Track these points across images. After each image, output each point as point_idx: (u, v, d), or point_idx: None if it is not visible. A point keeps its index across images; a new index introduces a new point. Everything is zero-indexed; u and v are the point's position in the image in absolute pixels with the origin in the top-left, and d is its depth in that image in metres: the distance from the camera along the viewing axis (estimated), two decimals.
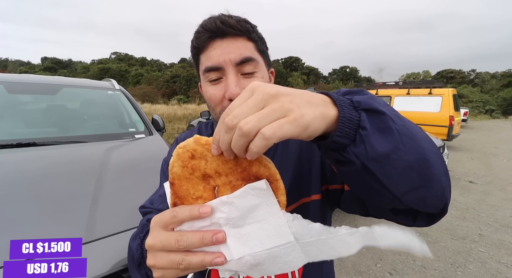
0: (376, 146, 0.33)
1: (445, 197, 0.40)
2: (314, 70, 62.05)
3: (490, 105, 33.20)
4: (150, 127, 2.42)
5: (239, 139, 0.29)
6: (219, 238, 0.34)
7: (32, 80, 2.36)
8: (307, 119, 0.30)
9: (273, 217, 0.34)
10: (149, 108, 17.57)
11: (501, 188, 4.84)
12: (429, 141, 0.38)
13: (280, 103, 0.29)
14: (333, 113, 0.33)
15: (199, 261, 0.34)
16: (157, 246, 0.36)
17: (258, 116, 0.28)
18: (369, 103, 0.35)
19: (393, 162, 0.34)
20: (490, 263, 2.60)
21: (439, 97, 7.72)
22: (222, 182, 0.35)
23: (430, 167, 0.36)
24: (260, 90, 0.30)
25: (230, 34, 0.55)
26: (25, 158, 1.53)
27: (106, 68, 48.30)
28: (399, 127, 0.34)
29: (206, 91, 0.58)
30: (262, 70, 0.58)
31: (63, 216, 1.14)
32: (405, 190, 0.37)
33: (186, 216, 0.35)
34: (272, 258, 0.34)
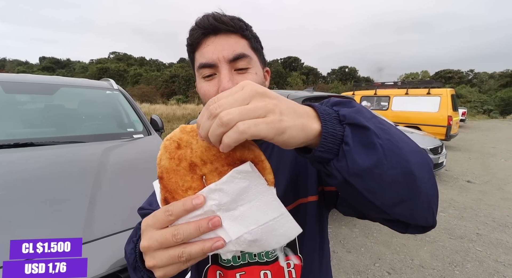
0: (357, 161, 0.33)
1: (432, 208, 0.40)
2: (313, 70, 62.11)
3: (488, 105, 33.33)
4: (148, 127, 2.41)
5: (217, 127, 0.29)
6: (215, 223, 0.34)
7: (29, 80, 2.35)
8: (285, 125, 0.30)
9: (263, 195, 0.35)
10: (148, 108, 17.52)
11: (498, 187, 4.86)
12: (417, 153, 0.38)
13: (264, 103, 0.30)
14: (315, 128, 0.34)
15: (199, 249, 0.34)
16: (153, 246, 0.36)
17: (240, 110, 0.29)
18: (354, 118, 0.35)
19: (376, 176, 0.34)
20: (488, 262, 2.61)
21: (437, 97, 7.74)
22: (208, 169, 0.36)
23: (415, 180, 0.36)
24: (249, 87, 0.31)
25: (223, 30, 0.55)
26: (22, 158, 1.53)
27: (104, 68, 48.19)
28: (383, 142, 0.34)
29: (200, 88, 0.59)
30: (256, 67, 0.59)
31: (61, 216, 1.14)
32: (390, 204, 0.37)
33: (181, 211, 0.34)
34: (269, 232, 0.35)
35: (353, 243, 2.94)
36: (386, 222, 0.45)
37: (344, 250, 2.80)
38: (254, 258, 0.61)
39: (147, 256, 0.37)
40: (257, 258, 0.61)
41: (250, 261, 0.61)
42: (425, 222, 0.41)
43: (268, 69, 0.67)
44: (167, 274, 0.37)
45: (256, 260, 0.61)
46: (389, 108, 8.71)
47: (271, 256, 0.61)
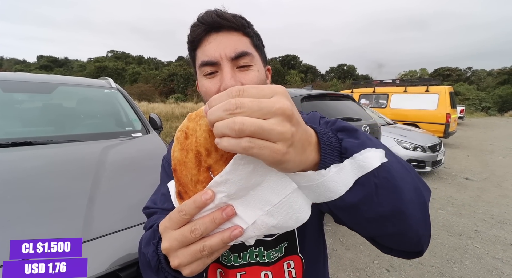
0: (344, 197, 0.33)
1: (421, 245, 0.40)
2: (311, 68, 62.06)
3: (486, 102, 33.46)
4: (147, 126, 2.41)
5: (225, 128, 0.27)
6: (229, 212, 0.34)
7: (27, 79, 2.33)
8: (286, 158, 0.28)
9: (270, 174, 0.34)
10: (147, 107, 17.46)
11: (497, 184, 4.89)
12: (416, 190, 0.38)
13: (284, 129, 0.27)
14: (312, 160, 0.33)
15: (219, 240, 0.34)
16: (174, 245, 0.36)
17: (256, 126, 0.26)
18: (355, 152, 0.34)
19: (363, 212, 0.34)
20: (486, 259, 2.63)
21: (435, 95, 7.76)
22: (213, 159, 0.34)
23: (406, 219, 0.36)
24: (280, 100, 0.28)
25: (226, 27, 0.55)
26: (21, 157, 1.52)
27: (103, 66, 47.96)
28: (379, 180, 0.33)
29: (202, 86, 0.58)
30: (258, 65, 0.58)
31: (60, 215, 1.13)
32: (376, 235, 0.38)
33: (193, 209, 0.34)
34: (284, 211, 0.35)
35: (352, 240, 2.95)
36: (372, 241, 0.45)
37: (343, 247, 2.82)
38: (255, 258, 0.60)
39: (170, 256, 0.37)
40: (258, 258, 0.60)
41: (251, 261, 0.60)
42: (412, 254, 0.42)
43: (269, 67, 0.67)
44: (194, 271, 0.37)
45: (257, 260, 0.60)
46: (387, 106, 8.73)
47: (272, 256, 0.60)
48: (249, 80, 0.55)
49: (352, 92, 9.86)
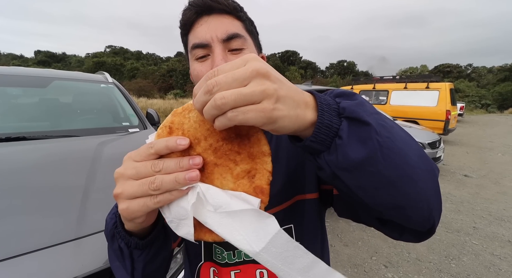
0: (348, 154, 0.31)
1: (433, 218, 0.37)
2: (311, 64, 61.81)
3: (486, 99, 33.44)
4: (144, 121, 2.38)
5: (211, 108, 0.28)
6: (196, 161, 0.32)
7: (21, 73, 2.29)
8: (277, 114, 0.28)
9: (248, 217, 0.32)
10: (145, 102, 17.41)
11: (495, 181, 4.89)
12: (421, 158, 0.35)
13: (263, 87, 0.27)
14: (309, 118, 0.32)
15: (172, 178, 0.31)
16: (128, 173, 0.33)
17: (236, 95, 0.27)
18: (353, 111, 0.32)
19: (368, 174, 0.32)
20: (484, 255, 2.63)
21: (436, 92, 7.72)
22: (202, 148, 0.33)
23: (416, 186, 0.34)
24: (252, 64, 0.29)
25: (217, 10, 0.53)
26: (14, 152, 1.49)
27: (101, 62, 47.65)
28: (382, 139, 0.32)
29: (193, 69, 0.56)
30: (250, 48, 0.56)
31: (53, 211, 1.11)
32: (384, 207, 0.35)
33: (163, 147, 0.32)
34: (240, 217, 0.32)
35: (350, 236, 2.95)
36: (381, 225, 0.43)
37: (342, 243, 2.82)
38: (250, 256, 0.59)
39: (118, 183, 0.35)
40: None
41: (245, 259, 0.59)
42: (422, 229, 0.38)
43: (263, 55, 0.65)
44: (130, 210, 0.34)
45: (251, 258, 0.59)
46: (387, 102, 8.69)
47: None
48: None
49: (352, 89, 9.82)
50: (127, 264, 0.45)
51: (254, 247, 0.30)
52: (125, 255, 0.44)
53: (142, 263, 0.45)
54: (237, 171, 0.34)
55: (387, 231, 0.43)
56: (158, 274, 0.51)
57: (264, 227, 0.31)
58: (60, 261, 0.92)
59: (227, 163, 0.34)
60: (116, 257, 0.46)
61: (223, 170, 0.34)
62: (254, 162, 0.34)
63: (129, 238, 0.42)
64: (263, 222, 0.31)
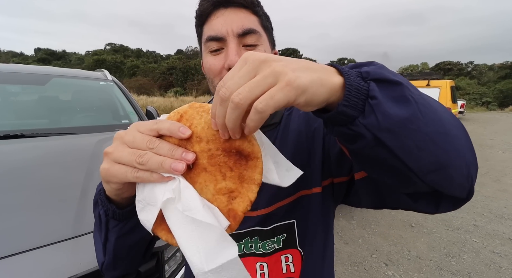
0: (389, 113, 0.29)
1: (471, 175, 0.36)
2: None
3: (486, 97, 33.36)
4: (144, 119, 2.37)
5: (232, 111, 0.27)
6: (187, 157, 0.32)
7: (20, 70, 2.28)
8: (303, 82, 0.27)
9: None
10: (146, 100, 17.38)
11: (496, 179, 4.88)
12: (451, 114, 0.35)
13: (271, 68, 0.27)
14: (336, 81, 0.30)
15: (159, 160, 0.32)
16: (126, 138, 0.34)
17: (249, 86, 0.27)
18: (379, 73, 0.31)
19: (411, 133, 0.30)
20: (484, 253, 2.63)
21: (436, 89, 7.69)
22: (200, 148, 0.33)
23: (454, 142, 0.33)
24: (251, 58, 0.29)
25: (235, 3, 0.53)
26: (12, 150, 1.48)
27: (101, 59, 47.51)
28: (415, 96, 0.31)
29: (206, 62, 0.56)
30: (264, 45, 0.56)
31: (51, 210, 1.10)
32: (427, 168, 0.33)
33: (165, 127, 0.33)
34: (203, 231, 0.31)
35: (351, 234, 2.95)
36: (413, 202, 0.41)
37: (342, 241, 2.81)
38: (251, 249, 0.59)
39: (114, 143, 0.35)
40: (254, 249, 0.59)
41: (246, 252, 0.59)
42: (462, 193, 0.36)
43: (276, 51, 0.65)
44: (109, 172, 0.34)
45: (252, 251, 0.59)
46: None
47: (268, 248, 0.59)
48: None
49: None
50: (102, 233, 0.45)
51: (204, 265, 0.29)
52: (102, 223, 0.44)
53: (115, 235, 0.45)
54: (221, 185, 0.33)
55: (423, 206, 0.41)
56: (131, 253, 0.50)
57: (223, 250, 0.29)
58: (58, 259, 0.92)
59: (215, 173, 0.33)
60: (96, 227, 0.47)
61: (208, 178, 0.33)
62: (241, 185, 0.33)
63: (108, 204, 0.42)
64: (224, 244, 0.30)
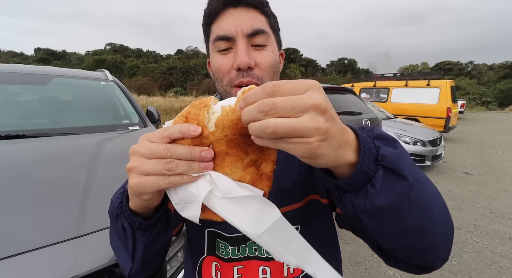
0: (377, 202, 0.31)
1: (435, 264, 0.38)
2: (312, 62, 61.52)
3: (486, 97, 33.35)
4: (144, 119, 2.37)
5: (257, 130, 0.28)
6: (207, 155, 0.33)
7: (21, 70, 2.28)
8: (320, 152, 0.28)
9: None
10: (146, 100, 17.37)
11: (496, 179, 4.88)
12: (445, 213, 0.37)
13: (317, 125, 0.27)
14: (348, 159, 0.32)
15: (187, 162, 0.33)
16: (142, 151, 0.35)
17: (288, 128, 0.27)
18: (393, 162, 0.32)
19: (390, 222, 0.33)
20: (485, 253, 2.63)
21: (437, 89, 7.69)
22: (216, 137, 0.34)
23: (430, 239, 0.35)
24: (313, 96, 0.27)
25: (244, 3, 0.53)
26: (12, 150, 1.48)
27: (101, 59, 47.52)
28: (413, 194, 0.32)
29: (215, 62, 0.56)
30: (273, 45, 0.57)
31: (53, 210, 1.11)
32: (394, 249, 0.36)
33: (176, 131, 0.33)
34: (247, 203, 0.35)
35: (351, 234, 2.92)
36: (378, 251, 0.43)
37: (342, 241, 2.81)
38: (254, 252, 0.59)
39: (132, 158, 0.36)
40: (257, 252, 0.58)
41: (249, 255, 0.58)
42: (422, 268, 0.39)
43: (282, 52, 0.65)
44: (140, 184, 0.35)
45: (256, 254, 0.58)
46: (388, 100, 8.66)
47: None
48: (263, 60, 0.54)
49: (352, 86, 9.77)
50: (129, 244, 0.46)
51: (257, 230, 0.33)
52: (127, 235, 0.45)
53: (143, 244, 0.46)
54: (246, 160, 0.35)
55: (383, 257, 0.43)
56: (157, 257, 0.52)
57: (267, 213, 0.34)
58: (60, 259, 0.92)
59: (238, 153, 0.35)
60: (118, 237, 0.47)
61: (234, 159, 0.35)
62: (262, 153, 0.36)
63: (133, 217, 0.43)
64: (266, 209, 0.34)
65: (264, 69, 0.54)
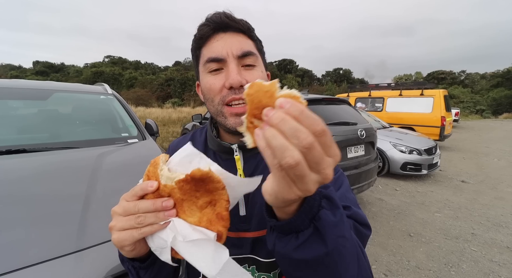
0: (292, 253, 0.36)
1: None
2: (308, 72, 62.48)
3: (480, 105, 33.86)
4: (143, 131, 2.40)
5: (271, 158, 0.28)
6: (168, 204, 0.39)
7: (22, 86, 2.32)
8: (307, 190, 0.29)
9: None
10: (143, 111, 17.40)
11: (492, 187, 4.92)
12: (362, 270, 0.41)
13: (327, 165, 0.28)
14: (292, 209, 0.36)
15: (153, 215, 0.39)
16: (119, 211, 0.41)
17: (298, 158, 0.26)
18: (324, 227, 0.35)
19: (299, 273, 0.38)
20: (483, 262, 2.63)
21: (430, 98, 7.84)
22: (171, 188, 0.39)
23: None
24: (323, 130, 0.28)
25: (233, 28, 0.57)
26: (13, 164, 1.50)
27: (99, 71, 47.82)
28: (328, 261, 0.36)
29: (206, 82, 0.58)
30: (261, 66, 0.60)
31: (53, 224, 1.12)
32: None
33: (138, 189, 0.40)
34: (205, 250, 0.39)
35: None
36: None
37: None
38: None
39: (113, 218, 0.42)
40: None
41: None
42: None
43: (268, 73, 0.68)
44: (120, 239, 0.40)
45: (250, 269, 0.60)
46: (383, 109, 8.80)
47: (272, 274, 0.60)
48: (253, 78, 0.56)
49: (348, 96, 9.93)
50: None
51: (212, 271, 0.37)
52: (133, 274, 0.51)
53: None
54: (200, 203, 0.40)
55: None
56: None
57: (219, 255, 0.38)
58: (61, 274, 0.92)
59: (191, 198, 0.40)
60: (131, 275, 0.53)
61: (189, 203, 0.40)
62: (212, 194, 0.39)
63: (132, 262, 0.49)
64: (219, 250, 0.38)
65: None
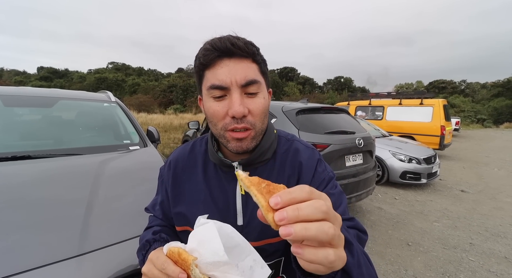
0: None
1: None
2: (309, 80, 62.90)
3: (481, 114, 33.87)
4: (144, 139, 2.45)
5: (284, 232, 0.33)
6: None
7: (29, 93, 2.39)
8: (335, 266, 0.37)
9: None
10: (145, 118, 17.54)
11: (491, 197, 4.92)
12: None
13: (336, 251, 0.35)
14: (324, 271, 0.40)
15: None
16: (149, 275, 0.50)
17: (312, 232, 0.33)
18: (349, 270, 0.42)
19: None
20: (481, 272, 2.63)
21: (430, 108, 7.90)
22: None
23: None
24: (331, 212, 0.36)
25: (238, 55, 0.58)
26: (18, 171, 1.55)
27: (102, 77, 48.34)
28: None
29: (210, 107, 0.61)
30: (263, 92, 0.63)
31: (55, 229, 1.15)
32: None
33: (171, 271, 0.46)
34: None
35: None
36: None
37: None
38: None
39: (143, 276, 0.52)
40: None
41: None
42: None
43: (270, 90, 0.72)
44: None
45: None
46: (383, 118, 8.86)
47: None
48: (255, 107, 0.60)
49: (348, 105, 10.01)
50: None
51: None
52: None
53: None
54: None
55: None
56: None
57: None
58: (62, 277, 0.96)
59: None
60: None
61: None
62: None
63: None
64: None
65: (257, 115, 0.61)
